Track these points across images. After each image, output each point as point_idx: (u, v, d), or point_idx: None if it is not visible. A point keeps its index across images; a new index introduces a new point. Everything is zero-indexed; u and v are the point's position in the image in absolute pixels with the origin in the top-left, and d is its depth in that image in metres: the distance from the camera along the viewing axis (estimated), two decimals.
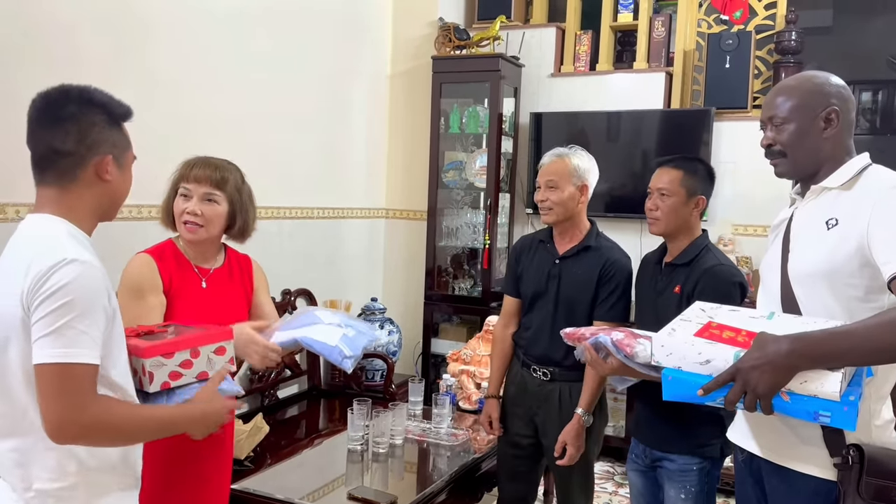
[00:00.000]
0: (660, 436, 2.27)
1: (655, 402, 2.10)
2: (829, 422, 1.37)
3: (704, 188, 2.30)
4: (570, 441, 2.42)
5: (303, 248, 4.04)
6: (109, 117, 1.46)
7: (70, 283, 1.31)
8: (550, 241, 2.59)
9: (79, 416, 1.32)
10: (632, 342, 1.74)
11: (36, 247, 1.36)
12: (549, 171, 2.51)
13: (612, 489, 3.92)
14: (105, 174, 1.44)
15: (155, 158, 2.09)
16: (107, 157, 1.44)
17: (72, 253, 1.33)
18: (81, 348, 1.31)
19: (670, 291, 2.23)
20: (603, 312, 2.47)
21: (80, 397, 1.32)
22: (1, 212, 2.50)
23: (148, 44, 3.01)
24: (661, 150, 4.27)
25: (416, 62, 4.71)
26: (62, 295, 1.30)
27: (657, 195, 2.29)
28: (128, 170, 1.53)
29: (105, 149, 1.44)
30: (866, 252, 1.50)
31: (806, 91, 1.67)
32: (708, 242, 2.30)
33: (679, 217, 2.26)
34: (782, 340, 1.40)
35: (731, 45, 4.26)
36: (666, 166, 2.32)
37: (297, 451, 3.00)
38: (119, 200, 1.53)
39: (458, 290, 4.63)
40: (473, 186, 4.55)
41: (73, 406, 1.31)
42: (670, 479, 2.25)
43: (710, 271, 2.18)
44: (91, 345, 1.33)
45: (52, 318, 1.29)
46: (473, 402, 3.70)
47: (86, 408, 1.32)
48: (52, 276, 1.30)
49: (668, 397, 1.52)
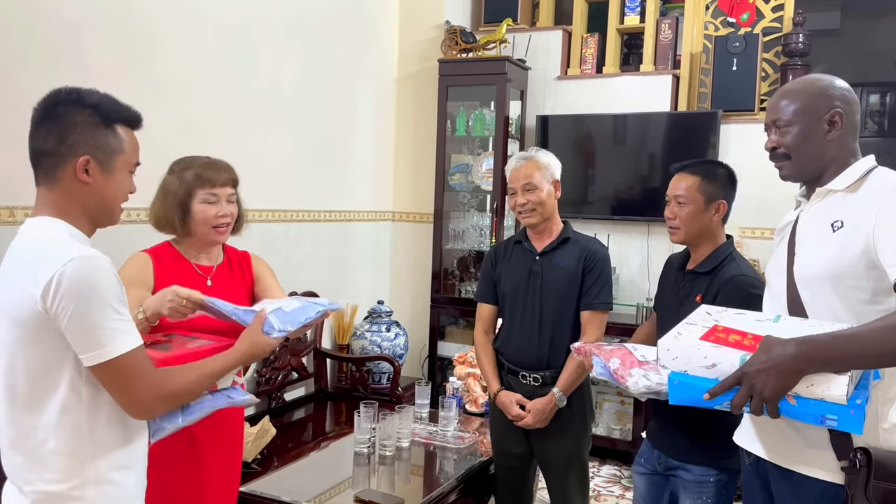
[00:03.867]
0: (677, 444, 2.21)
1: (674, 409, 2.09)
2: (836, 425, 1.36)
3: (725, 193, 2.22)
4: (535, 412, 2.49)
5: (310, 250, 4.05)
6: (101, 119, 1.43)
7: (85, 278, 1.31)
8: (527, 240, 2.61)
9: (157, 391, 1.40)
10: (625, 373, 1.75)
11: (39, 251, 1.36)
12: (524, 174, 2.52)
13: (619, 492, 3.91)
14: (82, 175, 1.41)
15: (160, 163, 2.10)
16: (84, 157, 1.41)
17: (76, 251, 1.34)
18: (121, 339, 1.35)
19: (692, 300, 2.17)
20: (590, 301, 2.51)
21: (144, 380, 1.38)
22: (10, 215, 2.52)
23: (154, 49, 3.02)
24: (668, 152, 4.27)
25: (423, 65, 4.72)
26: (82, 292, 1.31)
27: (675, 203, 2.21)
28: (119, 174, 1.46)
29: (85, 150, 1.41)
30: (872, 254, 1.50)
31: (809, 94, 1.67)
32: (732, 250, 2.21)
33: (698, 225, 2.19)
34: (788, 343, 1.39)
35: (738, 48, 4.26)
36: (682, 172, 2.24)
37: (304, 454, 3.00)
38: (108, 204, 1.47)
39: (465, 293, 4.63)
40: (480, 189, 4.55)
41: (143, 390, 1.39)
42: (686, 489, 2.19)
43: (731, 281, 2.10)
44: (129, 329, 1.37)
45: (81, 318, 1.31)
46: (480, 405, 3.70)
47: (153, 386, 1.40)
48: (64, 277, 1.30)
49: (674, 401, 1.52)
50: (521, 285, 2.57)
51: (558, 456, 2.58)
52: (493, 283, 2.67)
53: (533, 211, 2.52)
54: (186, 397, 1.51)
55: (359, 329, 4.34)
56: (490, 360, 2.67)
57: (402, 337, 4.37)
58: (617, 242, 4.38)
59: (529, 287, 2.55)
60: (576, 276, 2.52)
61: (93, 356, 1.33)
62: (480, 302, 2.73)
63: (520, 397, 2.56)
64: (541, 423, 2.51)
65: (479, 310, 2.72)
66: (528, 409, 2.52)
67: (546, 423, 2.51)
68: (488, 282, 2.69)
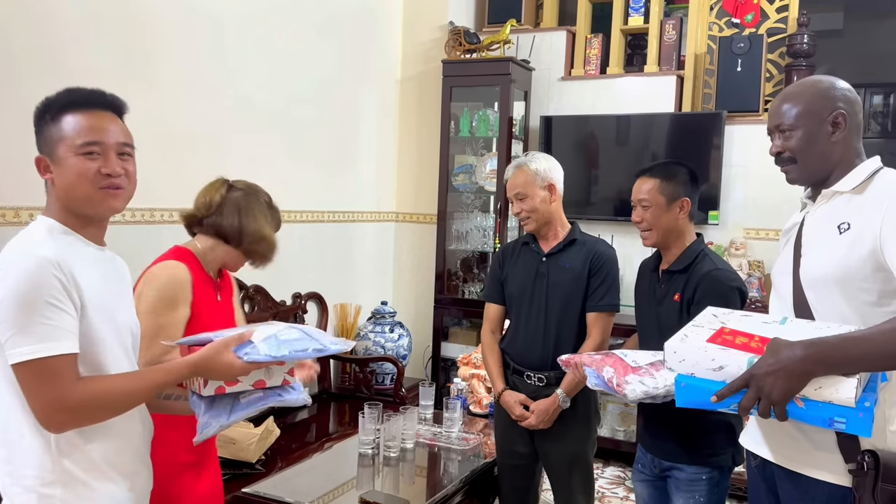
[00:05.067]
0: (668, 446, 2.24)
1: (662, 412, 2.10)
2: (845, 428, 1.36)
3: (686, 190, 2.26)
4: (539, 412, 2.49)
5: (313, 251, 4.05)
6: (47, 115, 1.44)
7: (18, 279, 1.32)
8: (535, 241, 2.62)
9: (62, 404, 1.33)
10: (622, 382, 1.75)
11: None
12: (514, 184, 2.56)
13: (623, 494, 3.90)
14: (45, 175, 1.44)
15: (163, 163, 2.10)
16: (37, 158, 1.44)
17: (23, 250, 1.36)
18: (51, 341, 1.32)
19: (670, 300, 2.21)
20: (595, 303, 2.52)
21: (60, 387, 1.33)
22: (15, 215, 2.52)
23: (156, 48, 3.03)
24: (672, 153, 4.26)
25: (427, 66, 4.72)
26: (13, 293, 1.31)
27: (639, 206, 2.28)
28: (66, 160, 1.41)
29: (40, 151, 1.45)
30: (879, 256, 1.49)
31: (811, 96, 1.66)
32: (703, 247, 2.26)
33: (665, 224, 2.24)
34: (796, 346, 1.39)
35: (743, 49, 4.25)
36: (643, 176, 2.31)
37: (308, 455, 2.99)
38: (71, 192, 1.42)
39: (468, 294, 4.63)
40: (483, 190, 4.55)
41: (55, 396, 1.33)
42: (678, 488, 2.22)
43: (709, 276, 2.15)
44: (61, 335, 1.33)
45: (13, 318, 1.31)
46: (484, 406, 3.69)
47: (67, 395, 1.33)
48: (3, 277, 1.32)
49: (681, 404, 1.51)
50: (527, 286, 2.58)
51: (562, 457, 2.58)
52: (500, 283, 2.68)
53: (528, 218, 2.55)
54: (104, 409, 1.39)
55: (362, 330, 4.34)
56: (496, 360, 2.67)
57: (406, 338, 4.37)
58: (620, 243, 4.37)
59: (536, 288, 2.56)
60: (582, 278, 2.52)
61: (20, 353, 1.31)
62: (488, 302, 2.74)
63: (523, 397, 2.56)
64: (544, 423, 2.51)
65: (487, 310, 2.73)
66: (532, 409, 2.52)
67: (549, 423, 2.51)
68: (496, 282, 2.70)
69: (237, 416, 1.54)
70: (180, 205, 2.05)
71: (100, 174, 1.41)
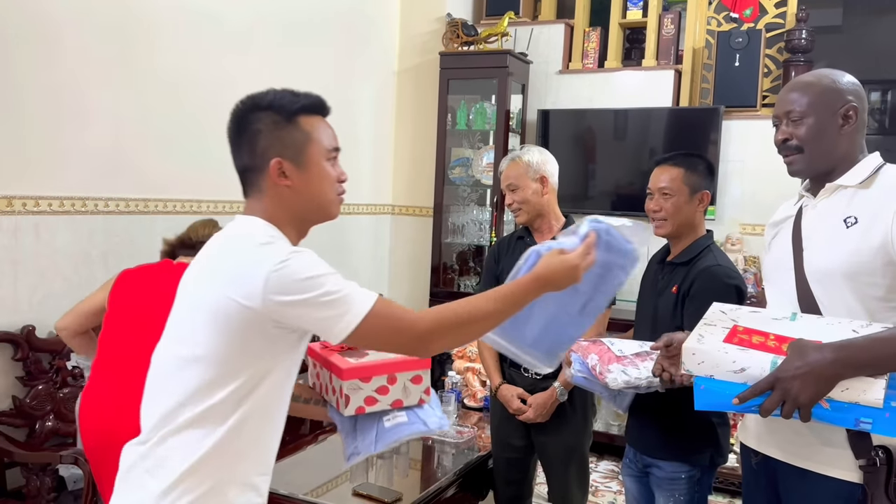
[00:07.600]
0: (649, 441, 2.22)
1: (645, 407, 2.10)
2: (871, 428, 1.34)
3: (707, 183, 2.24)
4: (536, 406, 2.48)
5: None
6: (279, 116, 1.39)
7: (303, 264, 1.33)
8: (529, 235, 2.61)
9: (414, 334, 1.33)
10: (604, 370, 1.76)
11: (244, 245, 1.36)
12: (507, 176, 2.56)
13: (616, 488, 3.91)
14: (280, 179, 1.38)
15: (165, 156, 2.10)
16: (275, 161, 1.37)
17: (276, 245, 1.37)
18: (357, 301, 1.32)
19: (668, 291, 2.19)
20: None
21: (398, 325, 1.33)
22: (8, 205, 2.50)
23: (154, 44, 3.01)
24: (669, 148, 4.25)
25: (424, 58, 4.70)
26: (304, 276, 1.32)
27: (659, 195, 2.22)
28: (315, 165, 1.40)
29: (273, 153, 1.37)
30: (890, 250, 1.49)
31: (825, 87, 1.64)
32: (711, 243, 2.24)
33: (684, 215, 2.21)
34: (825, 349, 1.36)
35: (741, 44, 4.24)
36: (665, 164, 2.25)
37: (302, 447, 2.99)
38: (316, 199, 1.44)
39: (464, 287, 4.62)
40: (480, 183, 4.54)
41: (402, 334, 1.33)
42: (659, 486, 2.20)
43: (707, 271, 2.12)
44: (357, 289, 1.35)
45: (314, 300, 1.31)
46: (479, 399, 3.69)
47: (412, 326, 1.34)
48: (285, 268, 1.31)
49: (700, 407, 1.47)
50: None
51: (558, 450, 2.58)
52: (496, 277, 2.66)
53: (519, 209, 2.55)
54: (458, 327, 1.36)
55: None
56: (492, 354, 2.67)
57: None
58: None
59: None
60: None
61: (346, 323, 1.31)
62: None
63: (521, 391, 2.56)
64: (542, 417, 2.51)
65: None
66: (530, 403, 2.52)
67: (547, 417, 2.51)
68: (491, 276, 2.69)
69: (382, 444, 1.54)
70: (174, 196, 2.05)
71: (338, 181, 1.44)
